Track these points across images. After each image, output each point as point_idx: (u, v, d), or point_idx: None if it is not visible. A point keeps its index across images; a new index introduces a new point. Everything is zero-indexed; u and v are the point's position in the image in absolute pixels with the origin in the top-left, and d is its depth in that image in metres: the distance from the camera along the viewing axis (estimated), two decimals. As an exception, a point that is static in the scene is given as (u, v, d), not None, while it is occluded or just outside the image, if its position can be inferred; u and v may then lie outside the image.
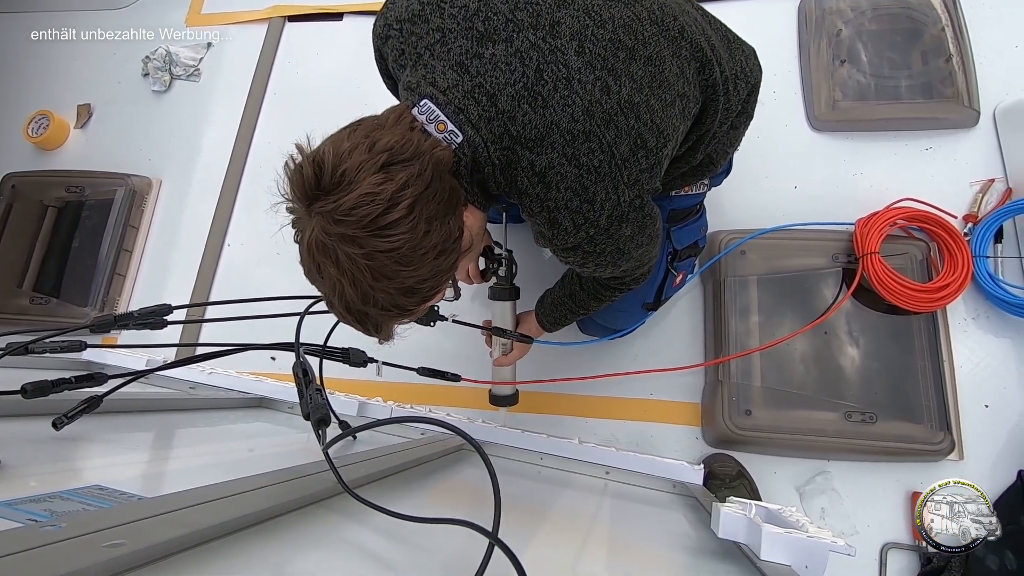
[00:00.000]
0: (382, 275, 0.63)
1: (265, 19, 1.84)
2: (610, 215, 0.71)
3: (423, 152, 0.63)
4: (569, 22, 0.68)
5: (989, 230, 1.25)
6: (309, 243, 0.64)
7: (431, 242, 0.64)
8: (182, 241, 1.66)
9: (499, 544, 0.43)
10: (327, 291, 0.66)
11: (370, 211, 0.59)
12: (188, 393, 1.31)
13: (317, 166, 0.60)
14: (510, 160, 0.69)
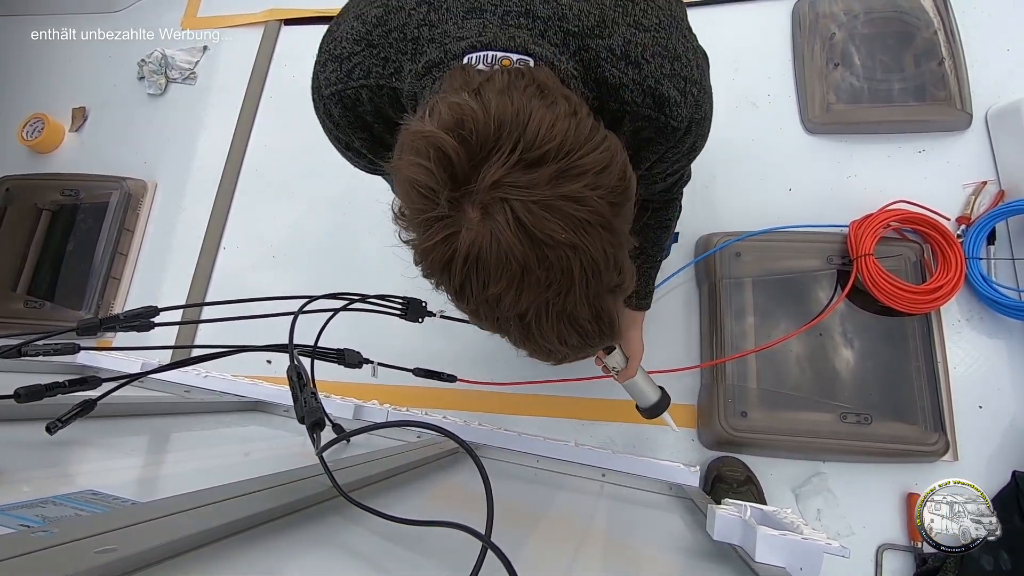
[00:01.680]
0: (602, 215, 0.45)
1: (261, 22, 1.84)
2: (697, 65, 0.64)
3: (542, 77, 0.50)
4: None
5: (982, 232, 1.25)
6: (486, 236, 0.44)
7: (620, 161, 0.48)
8: (177, 244, 1.66)
9: (491, 547, 0.43)
10: (561, 284, 0.46)
11: (568, 128, 0.44)
12: (183, 397, 1.30)
13: (456, 127, 0.43)
14: (587, 60, 0.59)
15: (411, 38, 0.61)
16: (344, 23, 0.65)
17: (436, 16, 0.61)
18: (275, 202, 1.65)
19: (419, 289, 1.43)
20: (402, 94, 0.64)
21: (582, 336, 0.50)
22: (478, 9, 0.60)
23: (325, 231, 1.60)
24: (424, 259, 0.48)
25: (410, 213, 0.46)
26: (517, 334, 0.50)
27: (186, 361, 0.88)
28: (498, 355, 1.38)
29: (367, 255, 1.55)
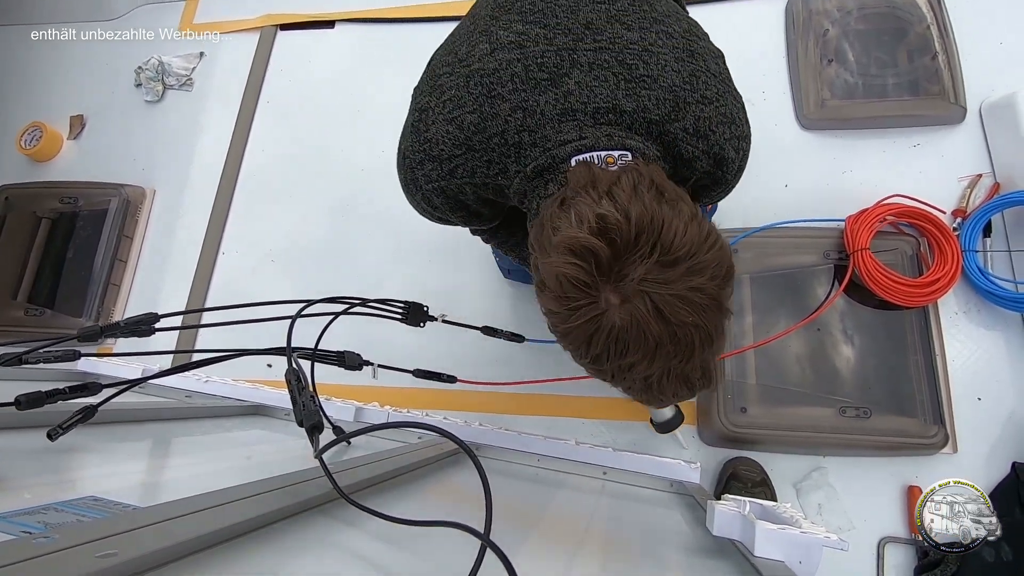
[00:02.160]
0: (717, 299, 0.56)
1: (257, 28, 1.85)
2: (744, 120, 0.74)
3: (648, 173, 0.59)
4: (594, 16, 0.71)
5: (978, 224, 1.26)
6: (627, 318, 0.53)
7: (728, 253, 0.58)
8: (177, 250, 1.67)
9: (491, 545, 0.44)
10: (684, 354, 0.55)
11: (693, 233, 0.53)
12: (184, 402, 1.31)
13: (602, 233, 0.53)
14: (667, 142, 0.69)
15: (512, 143, 0.69)
16: (436, 126, 0.71)
17: (533, 121, 0.67)
18: (273, 206, 1.66)
19: (419, 293, 1.43)
20: (507, 187, 0.73)
21: (690, 389, 0.59)
22: (570, 111, 0.66)
23: (324, 235, 1.60)
24: (568, 333, 0.56)
25: (558, 298, 0.55)
26: (639, 390, 0.59)
27: (185, 366, 0.89)
28: (498, 357, 1.38)
29: (366, 259, 1.56)
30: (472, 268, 1.49)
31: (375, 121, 1.69)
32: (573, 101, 0.67)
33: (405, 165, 0.77)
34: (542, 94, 0.68)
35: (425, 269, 1.52)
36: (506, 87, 0.69)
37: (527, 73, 0.68)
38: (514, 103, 0.68)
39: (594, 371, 0.60)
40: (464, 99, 0.70)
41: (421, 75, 0.83)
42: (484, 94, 0.69)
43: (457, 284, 1.49)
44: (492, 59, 0.70)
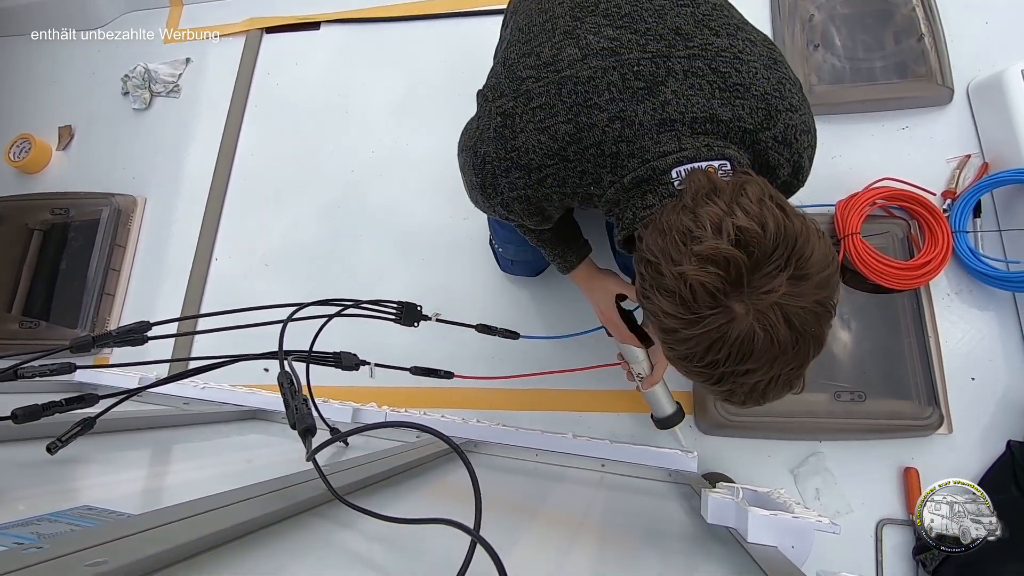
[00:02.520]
0: (833, 311, 0.58)
1: (243, 32, 1.84)
2: (815, 130, 0.76)
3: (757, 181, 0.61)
4: (682, 21, 0.71)
5: (967, 205, 1.26)
6: (756, 327, 0.55)
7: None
8: (169, 258, 1.66)
9: (479, 540, 0.44)
10: (800, 361, 0.57)
11: (823, 249, 0.56)
12: (182, 409, 1.31)
13: (741, 244, 0.54)
14: (758, 152, 0.70)
15: (609, 154, 0.69)
16: (525, 134, 0.71)
17: (631, 132, 0.67)
18: (265, 211, 1.66)
19: (416, 292, 1.43)
20: (598, 196, 0.73)
21: (790, 389, 0.61)
22: (668, 120, 0.67)
23: (317, 237, 1.61)
24: (689, 339, 0.57)
25: (685, 305, 0.56)
26: (742, 393, 0.60)
27: (180, 375, 0.89)
28: (495, 353, 1.39)
29: (360, 259, 1.56)
30: (468, 264, 1.49)
31: (364, 121, 1.68)
32: (671, 111, 0.67)
33: (486, 171, 0.76)
34: (640, 103, 0.68)
35: (420, 267, 1.52)
36: (603, 96, 0.68)
37: (624, 82, 0.68)
38: (612, 113, 0.68)
39: (700, 372, 0.60)
40: (556, 107, 0.70)
41: (491, 73, 0.81)
42: (579, 103, 0.69)
43: (453, 281, 1.49)
44: (585, 66, 0.69)
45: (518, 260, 1.35)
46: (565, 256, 1.01)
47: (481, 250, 1.47)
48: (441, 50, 1.70)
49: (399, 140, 1.64)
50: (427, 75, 1.69)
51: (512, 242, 1.26)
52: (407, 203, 1.58)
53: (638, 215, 0.68)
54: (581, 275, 1.04)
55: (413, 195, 1.58)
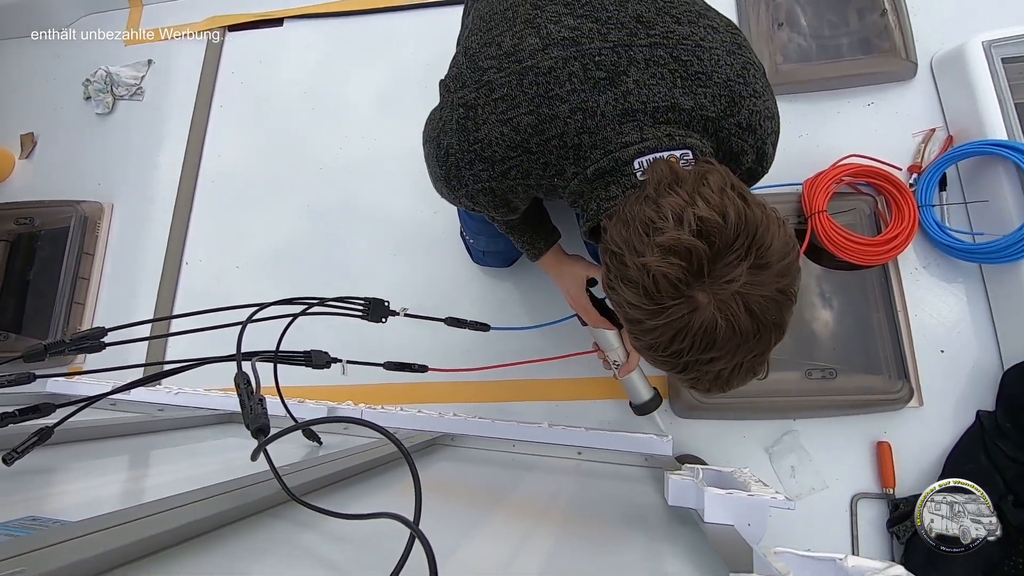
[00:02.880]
0: (794, 298, 0.59)
1: (205, 30, 1.81)
2: (778, 115, 0.75)
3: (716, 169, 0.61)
4: (643, 8, 0.70)
5: (933, 179, 1.26)
6: (718, 316, 0.55)
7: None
8: (140, 264, 1.64)
9: (416, 533, 0.43)
10: (761, 348, 0.59)
11: (783, 237, 0.57)
12: (156, 415, 1.30)
13: (702, 234, 0.54)
14: (721, 138, 0.70)
15: (572, 145, 0.68)
16: (488, 126, 0.70)
17: (593, 123, 0.67)
18: (236, 212, 1.64)
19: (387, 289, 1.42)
20: (562, 188, 0.73)
21: (753, 376, 0.62)
22: (630, 111, 0.66)
23: (289, 238, 1.59)
24: (654, 329, 0.58)
25: (648, 295, 0.56)
26: (707, 381, 0.61)
27: (138, 382, 0.88)
28: (469, 346, 1.38)
29: (334, 259, 1.55)
30: (440, 258, 1.48)
31: (331, 117, 1.67)
32: (633, 101, 0.67)
33: (449, 163, 0.75)
34: (601, 94, 0.67)
35: (394, 263, 1.51)
36: (564, 87, 0.67)
37: (585, 72, 0.67)
38: (574, 104, 0.67)
39: (665, 361, 0.61)
40: (518, 99, 0.69)
41: (452, 62, 0.80)
42: (541, 94, 0.68)
43: (426, 276, 1.48)
44: (546, 56, 0.69)
45: (490, 251, 1.35)
46: (533, 243, 1.01)
47: (453, 243, 1.46)
48: (413, 43, 1.68)
49: (367, 136, 1.62)
50: (397, 69, 1.67)
51: (483, 233, 1.26)
52: (379, 199, 1.57)
53: (602, 206, 0.68)
54: (550, 261, 1.04)
55: (385, 191, 1.57)
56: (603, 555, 0.62)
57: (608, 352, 1.11)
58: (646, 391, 1.16)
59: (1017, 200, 1.17)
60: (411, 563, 0.43)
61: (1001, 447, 1.08)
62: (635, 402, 1.17)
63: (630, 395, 1.18)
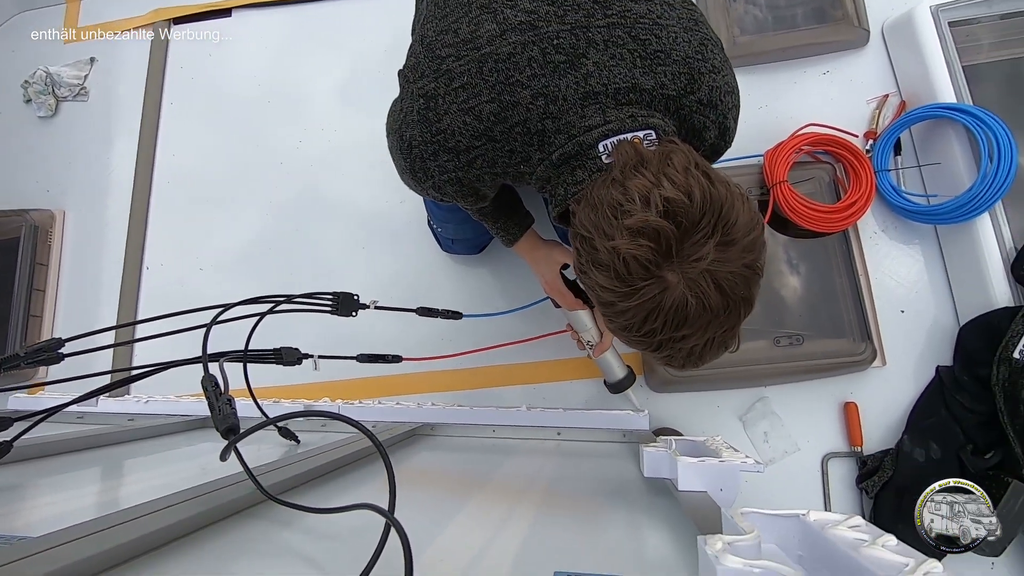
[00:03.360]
0: (761, 272, 0.60)
1: (148, 24, 1.73)
2: (737, 89, 0.75)
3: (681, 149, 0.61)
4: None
5: (888, 144, 1.29)
6: (688, 295, 0.56)
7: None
8: (98, 272, 1.59)
9: (392, 521, 0.43)
10: (732, 323, 0.59)
11: (748, 214, 0.57)
12: (127, 425, 1.27)
13: (669, 215, 0.55)
14: (683, 116, 0.70)
15: (535, 131, 0.68)
16: (450, 116, 0.69)
17: (555, 108, 0.67)
18: (195, 213, 1.59)
19: (359, 282, 1.40)
20: (528, 174, 0.73)
21: (724, 350, 0.63)
22: (592, 93, 0.66)
23: (252, 237, 1.55)
24: (627, 310, 0.58)
25: (619, 278, 0.57)
26: (680, 358, 0.62)
27: (104, 388, 0.85)
28: (443, 335, 1.38)
29: (301, 254, 1.52)
30: (409, 248, 1.46)
31: (289, 110, 1.62)
32: (594, 83, 0.66)
33: (414, 155, 0.74)
34: (562, 78, 0.66)
35: (362, 255, 1.49)
36: (524, 73, 0.67)
37: (545, 57, 0.67)
38: (535, 90, 0.67)
39: (639, 340, 0.61)
40: (479, 87, 0.68)
41: (410, 51, 0.79)
42: (501, 81, 0.67)
43: (396, 267, 1.46)
44: (505, 42, 0.68)
45: (458, 239, 1.34)
46: (507, 229, 1.01)
47: (421, 233, 1.44)
48: (367, 29, 1.64)
49: (327, 128, 1.59)
50: (354, 58, 1.63)
51: (451, 221, 1.25)
52: (343, 191, 1.54)
53: (569, 191, 0.68)
54: (525, 247, 1.04)
55: (349, 183, 1.54)
56: (583, 531, 0.63)
57: (582, 333, 1.12)
58: (620, 369, 1.17)
59: (967, 161, 1.21)
60: (391, 553, 0.43)
61: (960, 400, 1.13)
62: (610, 380, 1.19)
63: (605, 374, 1.19)
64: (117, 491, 0.87)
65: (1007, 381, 1.07)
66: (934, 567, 0.32)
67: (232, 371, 0.71)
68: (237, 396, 0.65)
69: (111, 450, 1.08)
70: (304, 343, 0.90)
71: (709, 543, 0.36)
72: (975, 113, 1.17)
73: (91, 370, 0.84)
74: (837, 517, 0.40)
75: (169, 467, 1.04)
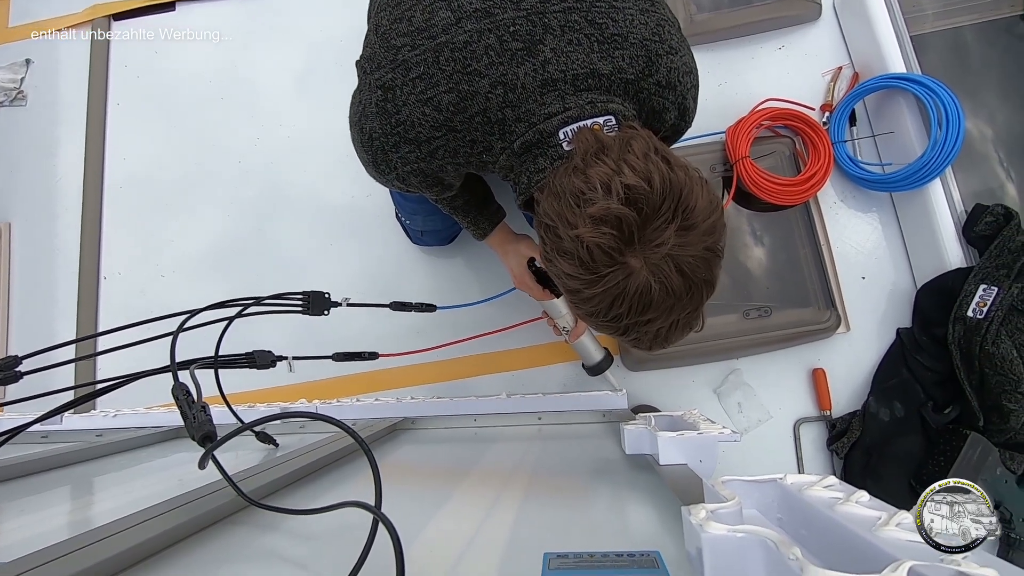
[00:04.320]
0: (721, 254, 0.61)
1: (86, 21, 1.65)
2: (696, 69, 0.75)
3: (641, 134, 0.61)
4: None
5: (843, 115, 1.33)
6: (651, 280, 0.57)
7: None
8: (51, 285, 1.52)
9: (380, 517, 0.43)
10: (695, 305, 0.60)
11: (707, 198, 0.57)
12: (94, 441, 1.23)
13: (630, 202, 0.55)
14: (642, 99, 0.70)
15: (496, 120, 0.67)
16: (409, 107, 0.68)
17: (514, 96, 0.66)
18: (151, 219, 1.53)
19: (329, 280, 1.37)
20: (491, 163, 0.73)
21: (689, 331, 0.64)
22: (550, 81, 0.66)
23: (214, 239, 1.50)
24: (592, 297, 0.59)
25: (584, 266, 0.58)
26: (647, 340, 0.63)
27: (69, 404, 0.82)
28: (419, 329, 1.37)
29: (268, 254, 1.48)
30: (379, 242, 1.44)
31: (244, 106, 1.57)
32: (552, 70, 0.66)
33: (375, 147, 0.73)
34: (520, 66, 0.66)
35: (330, 252, 1.46)
36: (482, 62, 0.66)
37: (501, 45, 0.66)
38: (493, 79, 0.66)
39: (608, 326, 0.62)
40: (436, 77, 0.67)
41: (365, 42, 0.77)
42: (459, 71, 0.66)
43: (366, 262, 1.44)
44: (460, 30, 0.67)
45: (428, 230, 1.33)
46: (478, 224, 1.01)
47: (390, 226, 1.42)
48: (320, 18, 1.60)
49: (285, 123, 1.55)
50: (309, 49, 1.59)
51: (419, 213, 1.23)
52: (307, 188, 1.50)
53: (532, 179, 0.67)
54: (496, 241, 1.04)
55: (313, 178, 1.51)
56: (570, 511, 0.64)
57: (557, 319, 1.13)
58: (597, 352, 1.19)
59: (918, 129, 1.25)
60: (380, 549, 0.43)
61: (919, 359, 1.18)
62: (588, 363, 1.20)
63: (582, 357, 1.20)
64: (90, 509, 0.84)
65: (962, 339, 1.13)
66: (904, 518, 0.33)
67: (204, 378, 0.69)
68: (210, 404, 0.64)
69: (81, 468, 1.05)
70: (277, 345, 0.88)
71: (693, 512, 0.36)
72: (924, 82, 1.20)
73: (51, 387, 0.81)
74: (812, 479, 0.42)
75: (144, 480, 1.01)
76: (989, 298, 1.11)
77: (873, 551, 0.32)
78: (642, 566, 0.45)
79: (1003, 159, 1.27)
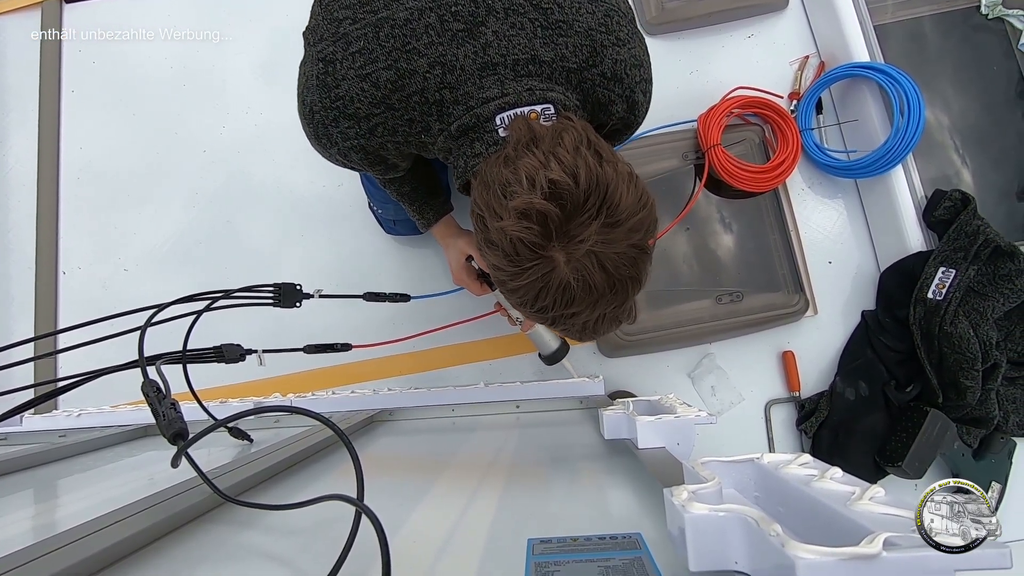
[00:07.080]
0: (648, 251, 0.61)
1: (35, 4, 1.56)
2: (649, 63, 0.74)
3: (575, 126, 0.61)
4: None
5: (810, 104, 1.36)
6: (574, 274, 0.57)
7: (654, 207, 0.64)
8: (4, 282, 1.45)
9: (362, 509, 0.43)
10: (620, 300, 0.61)
11: (633, 195, 0.57)
12: (57, 442, 1.18)
13: (553, 197, 0.55)
14: (586, 89, 0.68)
15: (434, 101, 0.66)
16: (348, 82, 0.67)
17: (453, 77, 0.65)
18: (112, 210, 1.47)
19: (301, 272, 1.34)
20: (430, 144, 0.71)
21: (619, 324, 0.66)
22: (490, 64, 0.65)
23: (179, 231, 1.46)
24: (518, 288, 0.60)
25: (509, 258, 0.58)
26: (576, 331, 0.64)
27: (27, 404, 0.79)
28: (394, 318, 1.35)
29: (236, 246, 1.44)
30: (351, 233, 1.42)
31: (208, 93, 1.52)
32: (492, 53, 0.64)
33: (316, 121, 0.71)
34: (460, 47, 0.64)
35: (302, 243, 1.43)
36: (421, 40, 0.64)
37: (442, 24, 0.64)
38: (432, 58, 0.64)
39: (536, 316, 0.63)
40: (376, 53, 0.65)
41: (311, 12, 0.75)
42: (398, 48, 0.64)
43: (339, 253, 1.42)
44: (401, 7, 0.65)
45: (400, 219, 1.31)
46: (423, 212, 1.01)
47: (362, 216, 1.40)
48: (292, 1, 1.54)
49: (251, 110, 1.50)
50: (274, 32, 1.54)
51: (391, 202, 1.21)
52: (275, 177, 1.47)
53: (468, 164, 0.67)
54: (438, 232, 1.04)
55: (281, 167, 1.47)
56: (551, 497, 0.64)
57: (509, 309, 1.12)
58: (553, 341, 1.18)
59: (881, 117, 1.28)
60: (362, 540, 0.43)
61: (883, 340, 1.23)
62: (544, 353, 1.20)
63: (538, 347, 1.20)
64: (56, 512, 0.81)
65: (923, 320, 1.17)
66: (877, 492, 0.34)
67: (172, 375, 0.67)
68: (180, 400, 0.62)
69: (44, 470, 1.01)
70: (248, 339, 0.86)
71: (675, 494, 0.37)
72: (887, 71, 1.24)
73: (8, 387, 0.77)
74: (788, 457, 0.43)
75: (113, 481, 0.98)
76: (948, 280, 1.15)
77: (849, 524, 0.33)
78: (624, 547, 0.45)
79: (959, 146, 1.31)
